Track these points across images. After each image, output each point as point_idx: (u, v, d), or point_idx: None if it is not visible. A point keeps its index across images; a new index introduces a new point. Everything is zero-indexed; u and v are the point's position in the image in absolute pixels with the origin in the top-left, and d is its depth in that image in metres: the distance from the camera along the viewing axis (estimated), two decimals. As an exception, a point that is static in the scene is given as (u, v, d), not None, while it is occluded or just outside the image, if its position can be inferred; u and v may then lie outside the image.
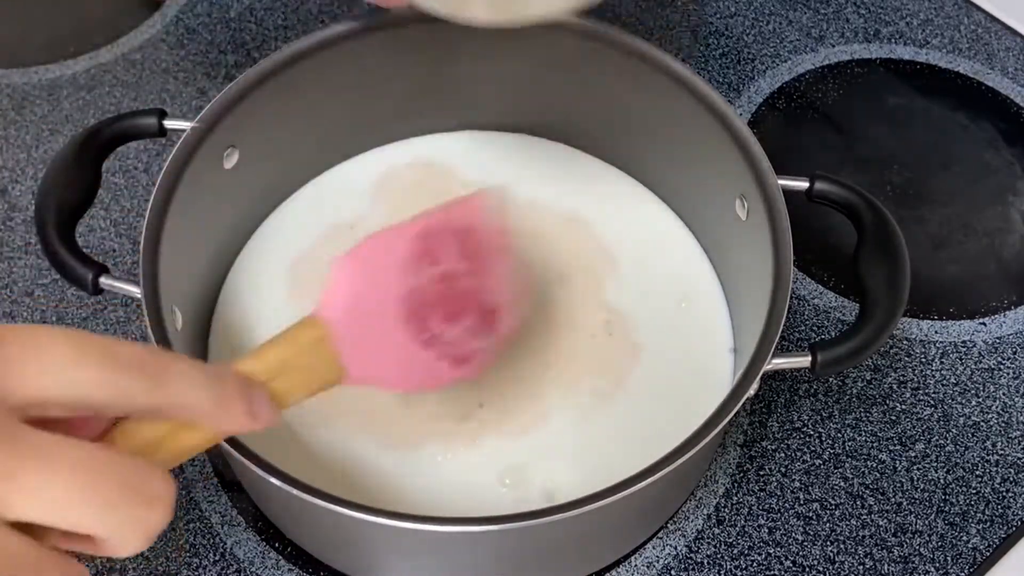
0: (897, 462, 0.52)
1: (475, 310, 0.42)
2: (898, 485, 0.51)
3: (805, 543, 0.50)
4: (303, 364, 0.36)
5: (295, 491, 0.38)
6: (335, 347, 0.37)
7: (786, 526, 0.50)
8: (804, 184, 0.49)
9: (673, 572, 0.49)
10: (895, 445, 0.53)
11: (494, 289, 0.43)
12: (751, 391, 0.41)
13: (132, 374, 0.27)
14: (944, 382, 0.55)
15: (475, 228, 0.42)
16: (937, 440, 0.53)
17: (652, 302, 0.53)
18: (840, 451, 0.53)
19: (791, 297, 0.44)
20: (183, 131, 0.48)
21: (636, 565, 0.49)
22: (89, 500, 0.25)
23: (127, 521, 0.26)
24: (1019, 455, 0.53)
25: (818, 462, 0.52)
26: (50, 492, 0.25)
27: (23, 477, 0.25)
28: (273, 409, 0.34)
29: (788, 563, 0.49)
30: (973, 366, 0.56)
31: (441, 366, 0.41)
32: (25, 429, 0.25)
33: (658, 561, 0.49)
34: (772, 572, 0.49)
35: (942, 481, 0.52)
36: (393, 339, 0.39)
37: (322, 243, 0.55)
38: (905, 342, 0.57)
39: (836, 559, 0.49)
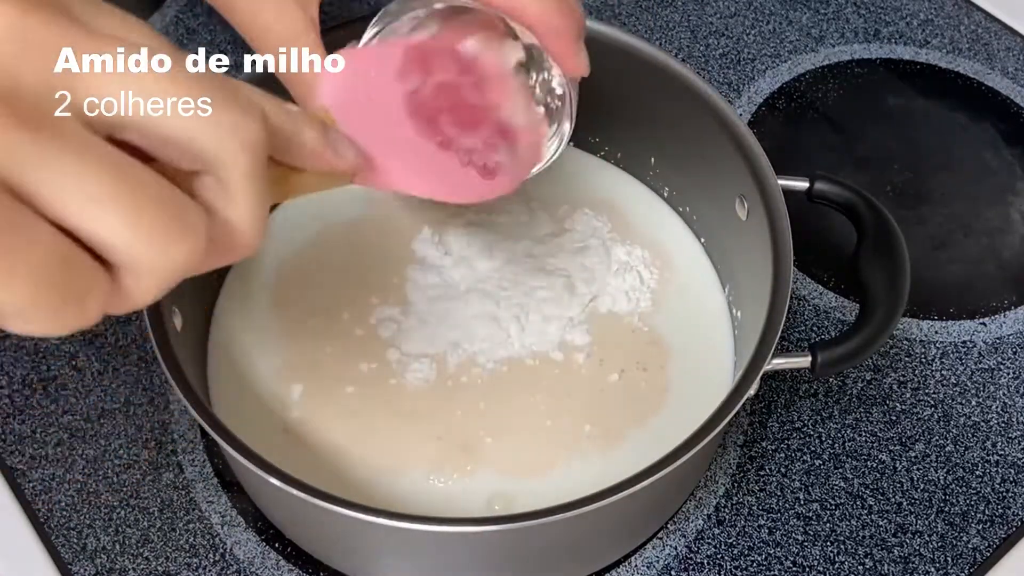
0: (897, 462, 0.52)
1: (489, 123, 0.39)
2: (898, 485, 0.51)
3: (805, 543, 0.50)
4: None
5: (295, 491, 0.38)
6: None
7: (786, 526, 0.50)
8: (804, 184, 0.49)
9: (673, 572, 0.49)
10: (895, 445, 0.53)
11: (506, 109, 0.39)
12: (751, 391, 0.41)
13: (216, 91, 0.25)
14: (944, 382, 0.55)
15: (477, 55, 0.39)
16: (937, 440, 0.53)
17: (665, 310, 0.53)
18: (840, 451, 0.52)
19: (791, 297, 0.44)
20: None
21: (636, 565, 0.49)
22: (121, 199, 0.23)
23: (152, 239, 0.24)
24: (1019, 455, 0.53)
25: (818, 462, 0.52)
26: (85, 182, 0.23)
27: (63, 161, 0.23)
28: (356, 150, 0.32)
29: (788, 563, 0.49)
30: (973, 366, 0.56)
31: (469, 174, 0.37)
32: (76, 129, 0.23)
33: (658, 561, 0.49)
34: (772, 572, 0.49)
35: (942, 481, 0.52)
36: (403, 134, 0.35)
37: (318, 243, 0.55)
38: (905, 342, 0.57)
39: (836, 559, 0.49)
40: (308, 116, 0.30)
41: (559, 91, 0.44)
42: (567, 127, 0.44)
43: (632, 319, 0.52)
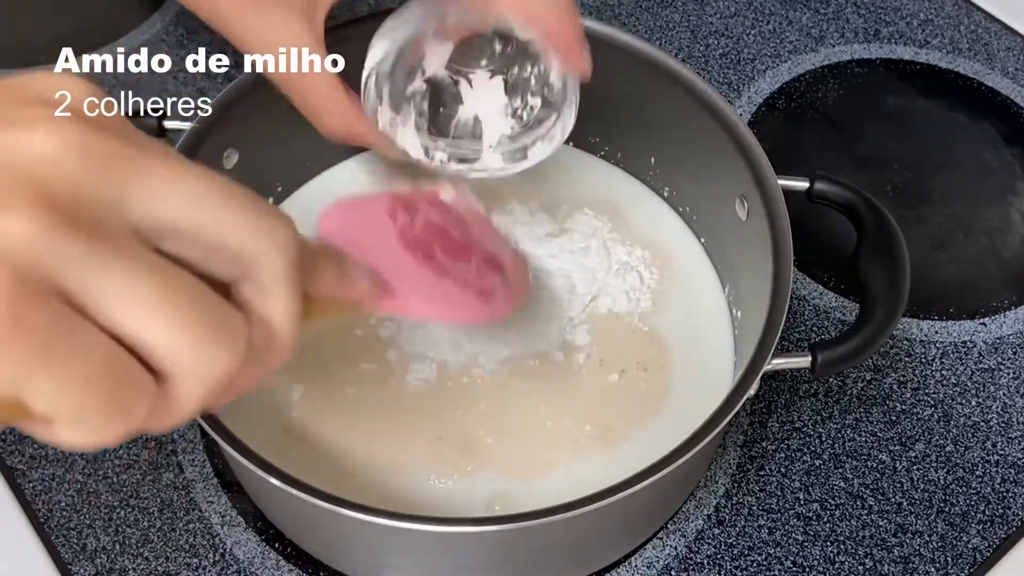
0: (897, 462, 0.52)
1: (477, 255, 0.41)
2: (898, 485, 0.51)
3: (805, 543, 0.50)
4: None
5: (295, 491, 0.38)
6: None
7: (786, 526, 0.50)
8: (804, 184, 0.49)
9: (673, 572, 0.49)
10: (895, 445, 0.53)
11: (489, 244, 0.42)
12: (751, 391, 0.41)
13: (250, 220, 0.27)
14: (944, 382, 0.55)
15: (450, 207, 0.42)
16: (937, 440, 0.53)
17: (665, 310, 0.53)
18: (840, 451, 0.52)
19: (791, 297, 0.44)
20: (183, 132, 0.48)
21: (636, 565, 0.49)
22: (167, 304, 0.24)
23: (196, 343, 0.25)
24: (1019, 455, 0.53)
25: (818, 462, 0.52)
26: (135, 288, 0.24)
27: (115, 268, 0.24)
28: (371, 280, 0.34)
29: (788, 563, 0.49)
30: (973, 366, 0.56)
31: (468, 297, 0.40)
32: (128, 238, 0.25)
33: (658, 561, 0.49)
34: (772, 572, 0.49)
35: (942, 481, 0.52)
36: (403, 264, 0.38)
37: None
38: (905, 342, 0.57)
39: (836, 559, 0.49)
40: (323, 245, 0.32)
41: (557, 85, 0.47)
42: (568, 116, 0.47)
43: (632, 319, 0.52)
